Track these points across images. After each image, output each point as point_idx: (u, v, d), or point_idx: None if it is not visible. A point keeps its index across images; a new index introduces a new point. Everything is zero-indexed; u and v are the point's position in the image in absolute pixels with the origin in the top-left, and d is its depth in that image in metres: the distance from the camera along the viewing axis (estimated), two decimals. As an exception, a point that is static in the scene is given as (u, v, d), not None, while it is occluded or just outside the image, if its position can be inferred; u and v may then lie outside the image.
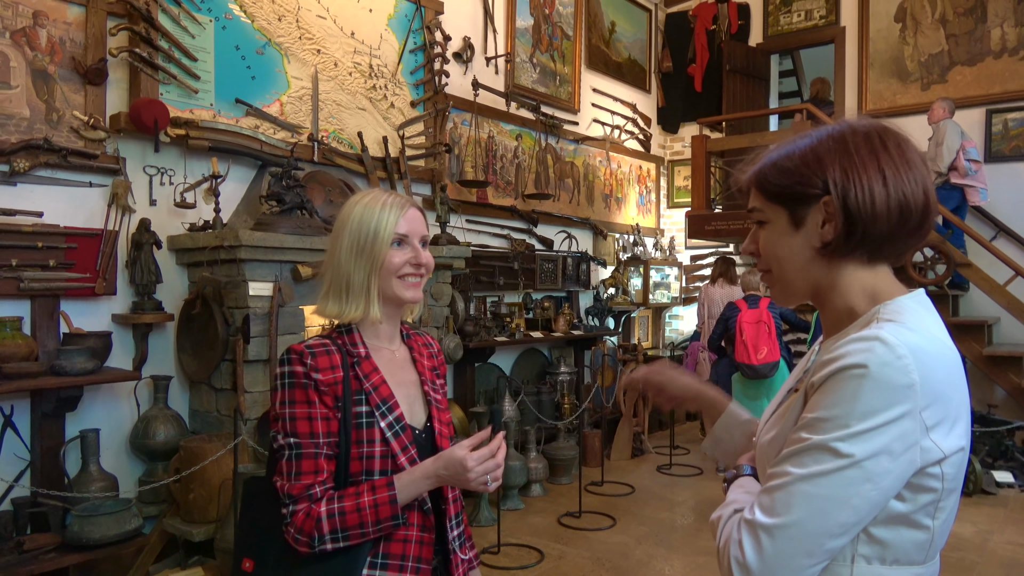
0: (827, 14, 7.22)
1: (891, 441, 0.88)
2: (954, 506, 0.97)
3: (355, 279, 1.39)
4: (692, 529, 4.37)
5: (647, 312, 7.63)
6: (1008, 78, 6.27)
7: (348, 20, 4.55)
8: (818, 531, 0.89)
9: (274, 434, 1.35)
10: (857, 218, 0.97)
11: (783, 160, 1.05)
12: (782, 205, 1.04)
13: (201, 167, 3.80)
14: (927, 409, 0.89)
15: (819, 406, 0.92)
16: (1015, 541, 4.16)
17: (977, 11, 6.42)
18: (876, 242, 0.99)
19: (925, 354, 0.91)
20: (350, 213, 1.42)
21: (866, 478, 0.88)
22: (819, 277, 1.04)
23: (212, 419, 3.66)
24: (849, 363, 0.90)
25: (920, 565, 0.95)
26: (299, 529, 1.29)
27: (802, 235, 1.02)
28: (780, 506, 0.91)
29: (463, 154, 5.48)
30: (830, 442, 0.89)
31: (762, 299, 5.18)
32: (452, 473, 1.33)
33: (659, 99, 8.06)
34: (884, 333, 0.91)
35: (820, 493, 0.89)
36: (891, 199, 0.97)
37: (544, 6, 6.34)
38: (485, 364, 5.43)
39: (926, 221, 1.00)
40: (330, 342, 1.40)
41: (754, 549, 0.91)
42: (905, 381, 0.88)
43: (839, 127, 1.03)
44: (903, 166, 0.98)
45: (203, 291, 3.52)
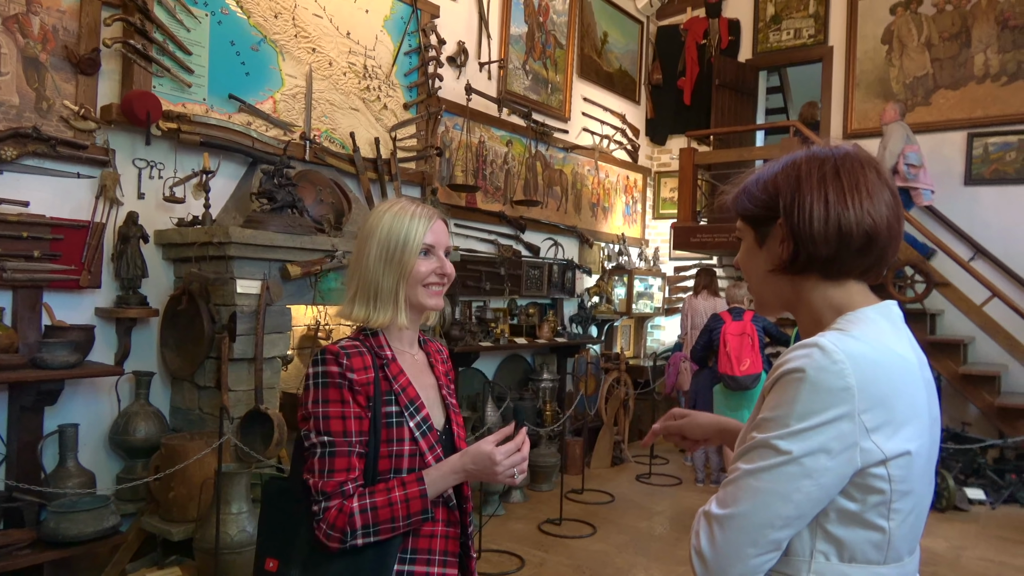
0: (816, 33, 7.32)
1: (828, 440, 0.94)
2: (913, 509, 1.01)
3: (384, 286, 1.44)
4: (671, 539, 4.39)
5: (630, 321, 7.67)
6: (990, 103, 6.40)
7: (344, 20, 4.54)
8: (762, 522, 0.96)
9: (305, 433, 1.38)
10: (799, 240, 1.05)
11: (752, 185, 1.15)
12: (749, 225, 1.15)
13: (191, 162, 3.76)
14: (867, 412, 0.95)
15: (766, 407, 1.00)
16: (987, 557, 4.23)
17: (962, 36, 6.55)
18: (822, 262, 1.06)
19: (866, 360, 0.96)
20: (379, 221, 1.46)
21: (805, 474, 0.95)
22: (784, 291, 1.13)
23: (194, 417, 3.61)
24: (790, 368, 0.97)
25: (880, 565, 0.99)
26: (331, 525, 1.32)
27: (764, 253, 1.13)
28: (730, 499, 0.99)
29: (454, 158, 5.48)
30: (771, 440, 0.97)
31: (746, 312, 5.23)
32: (481, 467, 1.39)
33: (648, 110, 8.12)
34: (824, 340, 0.98)
35: (763, 487, 0.96)
36: (829, 224, 1.03)
37: (538, 14, 6.37)
38: (469, 369, 5.42)
39: (872, 245, 1.05)
40: (359, 344, 1.44)
41: (708, 538, 0.99)
42: (841, 384, 0.94)
43: (802, 154, 1.11)
44: (850, 193, 1.04)
45: (190, 287, 3.48)
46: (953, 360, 5.95)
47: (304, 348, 4.33)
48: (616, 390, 6.38)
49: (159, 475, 3.14)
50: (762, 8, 7.62)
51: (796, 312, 1.15)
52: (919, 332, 6.02)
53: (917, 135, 6.40)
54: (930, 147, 6.60)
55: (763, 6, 7.62)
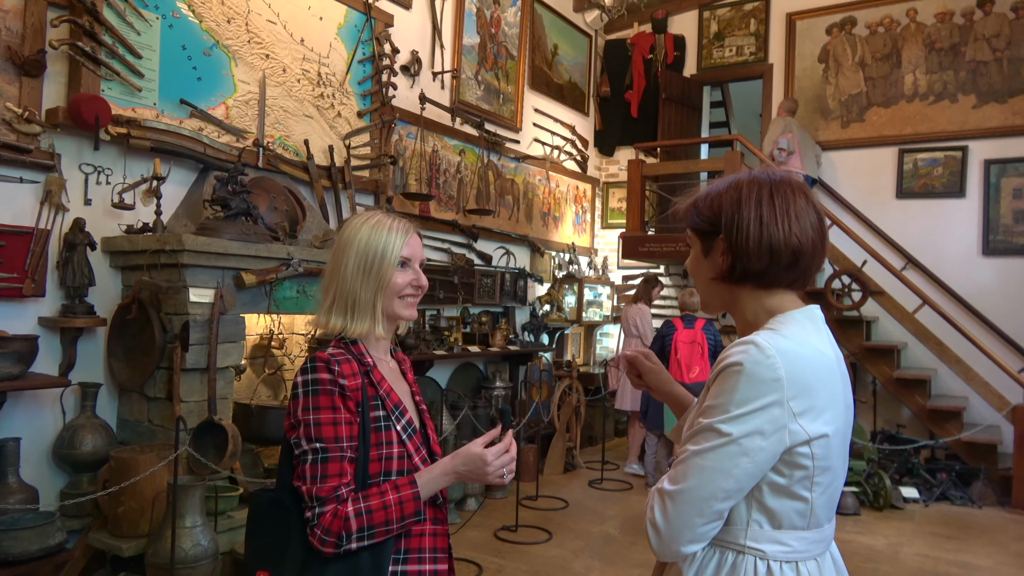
0: (756, 51, 7.60)
1: (763, 423, 1.10)
2: (832, 483, 1.19)
3: (361, 297, 1.47)
4: (626, 542, 4.47)
5: (580, 329, 7.77)
6: (919, 121, 6.75)
7: (298, 27, 4.51)
8: (706, 495, 1.11)
9: (296, 440, 1.39)
10: (736, 254, 1.21)
11: (700, 200, 1.28)
12: (697, 236, 1.30)
13: (140, 168, 3.68)
14: (794, 399, 1.11)
15: (710, 396, 1.16)
16: (923, 552, 4.44)
17: (893, 57, 6.89)
18: (756, 275, 1.22)
19: (794, 355, 1.13)
20: (356, 233, 1.49)
21: (743, 452, 1.10)
22: (724, 296, 1.29)
23: (143, 429, 3.52)
24: (730, 362, 1.13)
25: (804, 530, 1.17)
26: (326, 530, 1.32)
27: (708, 262, 1.28)
28: (679, 476, 1.14)
29: (408, 167, 5.48)
30: (715, 424, 1.12)
31: (698, 320, 5.37)
32: (471, 468, 1.43)
33: (597, 122, 8.27)
34: (758, 338, 1.14)
35: (707, 465, 1.11)
36: (762, 242, 1.19)
37: (490, 25, 6.43)
38: (423, 377, 5.41)
39: (799, 261, 1.21)
40: (344, 351, 1.46)
41: (660, 511, 1.14)
42: (773, 376, 1.10)
43: (745, 177, 1.25)
44: (781, 216, 1.20)
45: (140, 295, 3.39)
46: (888, 365, 6.23)
47: (256, 358, 4.26)
48: (568, 397, 6.46)
49: (108, 490, 3.05)
50: (706, 26, 7.87)
51: (734, 313, 1.30)
52: (856, 338, 6.29)
53: (853, 150, 6.72)
54: (864, 161, 6.93)
55: (707, 24, 7.86)
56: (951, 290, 6.50)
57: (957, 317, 6.18)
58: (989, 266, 6.45)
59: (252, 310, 3.71)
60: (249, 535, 1.48)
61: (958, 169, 6.58)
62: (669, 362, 5.25)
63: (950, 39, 6.65)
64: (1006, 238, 6.39)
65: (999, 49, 6.45)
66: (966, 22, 6.59)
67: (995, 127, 6.43)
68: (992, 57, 6.47)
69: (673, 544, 1.14)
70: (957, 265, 6.54)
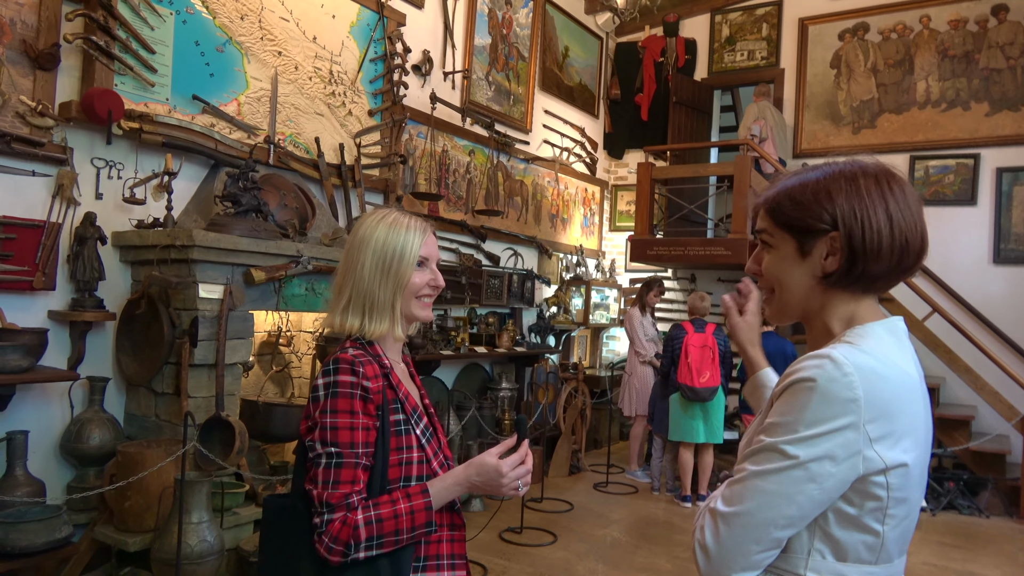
0: (768, 56, 7.57)
1: (834, 447, 0.99)
2: (907, 516, 1.06)
3: (380, 297, 1.43)
4: (631, 546, 4.45)
5: (586, 332, 7.75)
6: (931, 128, 6.72)
7: (311, 24, 4.51)
8: (765, 521, 1.01)
9: (311, 443, 1.35)
10: (860, 255, 1.06)
11: (797, 192, 1.12)
12: (791, 234, 1.13)
13: (151, 163, 3.68)
14: (871, 423, 0.99)
15: (775, 413, 1.04)
16: (930, 562, 4.41)
17: (905, 64, 6.86)
18: (873, 277, 1.09)
19: (873, 373, 1.00)
20: (373, 232, 1.45)
21: (809, 478, 0.99)
22: (813, 302, 1.14)
23: (150, 424, 3.52)
24: (802, 376, 1.02)
25: (872, 565, 1.05)
26: (334, 538, 1.29)
27: (807, 264, 1.12)
28: (736, 497, 1.03)
29: (417, 166, 5.47)
30: (780, 444, 1.01)
31: (708, 324, 5.34)
32: (486, 480, 1.39)
33: (606, 125, 8.26)
34: (835, 353, 1.02)
35: (769, 488, 1.01)
36: (895, 241, 1.06)
37: (502, 26, 6.43)
38: (429, 377, 5.40)
39: (919, 260, 1.10)
40: (364, 352, 1.42)
41: (712, 533, 1.04)
42: (849, 395, 0.99)
43: (850, 166, 1.11)
44: (906, 210, 1.07)
45: (149, 290, 3.40)
46: (896, 372, 6.18)
47: (264, 355, 4.26)
48: (574, 400, 6.44)
49: (115, 484, 3.05)
50: (718, 29, 7.85)
51: (810, 322, 1.17)
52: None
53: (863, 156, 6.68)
54: None
55: (719, 28, 7.84)
56: (961, 298, 6.46)
57: (967, 325, 6.15)
58: (1000, 275, 6.41)
59: (261, 307, 3.71)
60: (263, 542, 1.44)
61: (970, 177, 6.55)
62: (679, 365, 5.22)
63: (963, 46, 6.62)
64: (1018, 247, 6.35)
65: (1012, 57, 6.41)
66: (980, 29, 6.56)
67: (1008, 135, 6.39)
68: (1006, 65, 6.44)
69: (724, 570, 1.04)
70: (967, 273, 6.50)
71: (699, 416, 5.23)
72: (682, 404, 5.25)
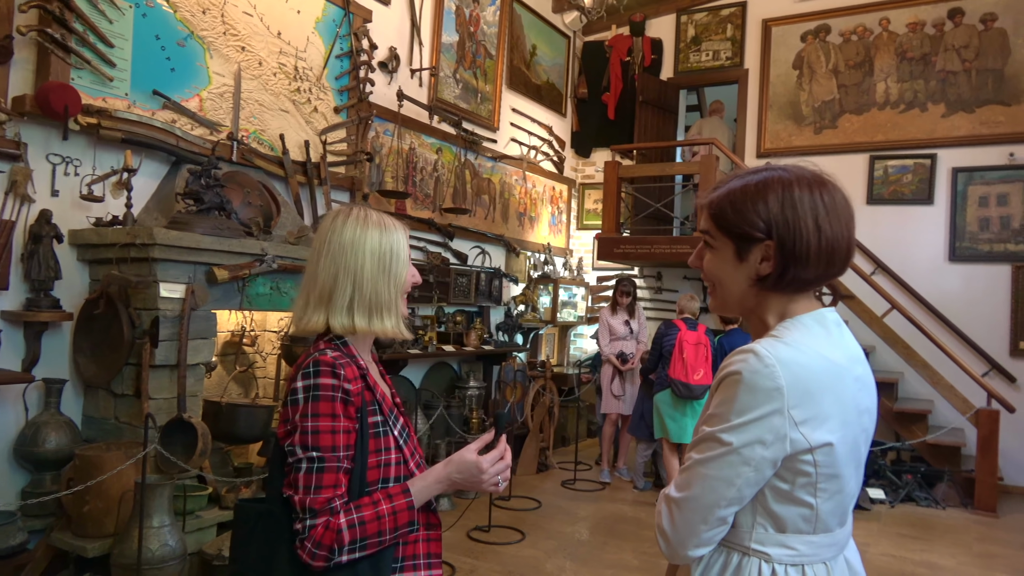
0: (732, 56, 7.67)
1: (763, 432, 1.09)
2: (840, 489, 1.16)
3: (383, 296, 1.44)
4: (598, 543, 4.48)
5: (554, 330, 7.78)
6: (890, 128, 6.87)
7: (275, 19, 4.44)
8: (710, 503, 1.12)
9: (290, 447, 1.33)
10: (791, 262, 1.15)
11: (738, 198, 1.19)
12: (730, 239, 1.21)
13: (110, 159, 3.59)
14: (795, 408, 1.09)
15: (712, 405, 1.16)
16: (889, 552, 4.51)
17: (865, 66, 7.00)
18: (803, 281, 1.18)
19: (795, 363, 1.11)
20: (364, 233, 1.44)
21: (743, 462, 1.10)
22: (749, 301, 1.23)
23: (109, 426, 3.44)
24: (731, 371, 1.13)
25: (810, 534, 1.16)
26: (317, 543, 1.27)
27: (744, 267, 1.20)
28: (684, 484, 1.15)
29: (384, 164, 5.43)
30: (716, 433, 1.12)
31: (699, 324, 5.38)
32: (466, 477, 1.41)
33: (574, 123, 8.29)
34: (758, 347, 1.12)
35: (710, 474, 1.12)
36: (823, 249, 1.15)
37: (469, 24, 6.41)
38: (396, 376, 5.37)
39: (846, 264, 1.19)
40: (342, 354, 1.40)
41: (667, 518, 1.17)
42: (772, 385, 1.09)
43: (787, 173, 1.18)
44: (835, 220, 1.15)
45: (108, 290, 3.32)
46: (856, 368, 6.32)
47: (228, 355, 4.19)
48: (542, 398, 6.46)
49: (73, 489, 2.97)
50: (683, 30, 7.93)
51: (749, 317, 1.26)
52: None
53: (825, 156, 6.84)
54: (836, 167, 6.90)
55: (684, 28, 7.92)
56: (918, 295, 6.62)
57: (924, 322, 6.30)
58: (955, 272, 6.58)
59: (224, 306, 3.65)
60: (235, 548, 1.41)
61: (927, 177, 6.71)
62: (672, 362, 5.21)
63: (921, 49, 6.78)
64: (972, 245, 6.52)
65: (968, 60, 6.58)
66: (936, 32, 6.72)
67: (963, 136, 6.57)
68: (961, 67, 6.61)
69: (680, 549, 1.16)
70: (924, 271, 6.66)
71: (689, 414, 5.23)
72: (673, 401, 5.24)
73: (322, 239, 1.45)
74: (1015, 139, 6.37)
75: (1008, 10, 6.45)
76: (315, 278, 1.44)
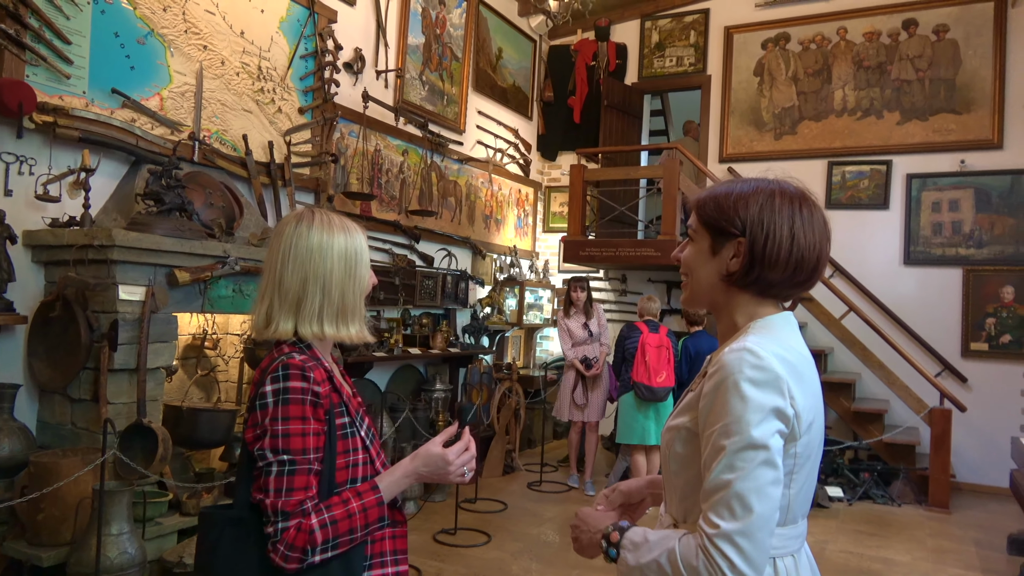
0: (696, 62, 7.79)
1: (779, 423, 1.11)
2: (806, 478, 1.20)
3: (349, 301, 1.44)
4: (564, 544, 4.50)
5: (520, 332, 7.80)
6: (847, 135, 7.04)
7: (238, 18, 4.39)
8: (770, 513, 1.08)
9: (260, 452, 1.32)
10: (758, 261, 1.20)
11: (722, 197, 1.24)
12: (708, 232, 1.27)
13: (67, 158, 3.51)
14: (792, 398, 1.13)
15: (720, 414, 1.12)
16: (847, 549, 4.62)
17: (824, 73, 7.17)
18: (767, 283, 1.22)
19: (782, 357, 1.14)
20: (331, 238, 1.44)
21: (778, 453, 1.11)
22: (719, 295, 1.28)
23: (66, 432, 3.36)
24: (728, 373, 1.12)
25: (781, 526, 1.17)
26: (290, 545, 1.27)
27: (716, 261, 1.25)
28: (738, 510, 1.06)
29: (349, 166, 5.40)
30: (748, 440, 1.09)
31: (661, 326, 5.42)
32: (432, 469, 1.43)
33: (540, 126, 8.32)
34: (749, 344, 1.15)
35: (761, 483, 1.07)
36: (792, 256, 1.19)
37: (436, 26, 6.40)
38: (361, 379, 5.33)
39: (813, 277, 1.24)
40: (308, 357, 1.40)
41: (738, 554, 1.05)
42: (774, 376, 1.12)
43: (773, 185, 1.24)
44: (810, 233, 1.21)
45: (64, 292, 3.24)
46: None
47: (189, 358, 4.12)
48: (508, 400, 6.47)
49: (27, 496, 2.89)
50: (648, 35, 8.02)
51: (719, 313, 1.30)
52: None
53: (785, 161, 6.98)
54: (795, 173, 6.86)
55: (648, 33, 8.02)
56: (875, 297, 6.80)
57: (880, 323, 6.47)
58: (909, 275, 6.77)
59: (185, 309, 3.59)
60: (201, 556, 1.39)
61: (883, 182, 6.89)
62: (635, 365, 5.23)
63: (877, 58, 6.96)
64: (925, 249, 6.72)
65: (921, 69, 6.78)
66: (892, 42, 6.91)
67: (917, 143, 6.76)
68: (915, 76, 6.80)
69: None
70: (880, 274, 6.84)
71: (652, 416, 5.27)
72: (636, 404, 5.27)
73: (286, 244, 1.43)
74: (966, 147, 6.58)
75: (959, 22, 6.66)
76: (280, 284, 1.42)
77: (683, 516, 1.26)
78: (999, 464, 6.06)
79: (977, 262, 6.51)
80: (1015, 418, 6.23)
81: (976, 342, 6.48)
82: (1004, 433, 6.01)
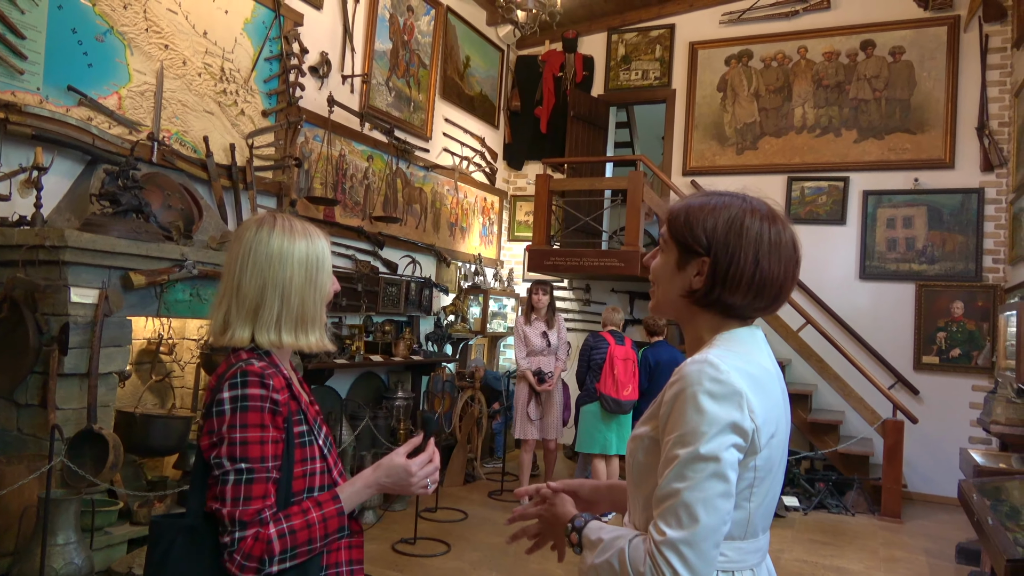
0: (661, 76, 7.90)
1: (736, 437, 1.10)
2: (767, 492, 1.19)
3: (309, 309, 1.41)
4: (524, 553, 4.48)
5: (484, 340, 7.79)
6: (806, 151, 7.20)
7: (201, 18, 4.32)
8: (718, 525, 1.07)
9: (216, 460, 1.29)
10: (719, 283, 1.20)
11: (694, 212, 1.23)
12: (677, 247, 1.26)
13: (19, 156, 3.42)
14: (752, 412, 1.11)
15: (677, 424, 1.11)
16: (801, 558, 4.69)
17: (784, 91, 7.33)
18: (727, 305, 1.22)
19: (744, 371, 1.14)
20: (292, 243, 1.41)
21: (731, 467, 1.09)
22: (682, 312, 1.28)
23: (11, 438, 3.25)
24: (687, 384, 1.12)
25: (741, 540, 1.17)
26: (247, 555, 1.24)
27: (681, 275, 1.25)
28: (684, 519, 1.07)
29: (313, 170, 5.34)
30: (698, 452, 1.08)
31: (626, 337, 5.44)
32: (395, 480, 1.41)
33: (506, 135, 8.35)
34: (710, 357, 1.14)
35: (709, 494, 1.07)
36: (753, 282, 1.19)
37: (404, 32, 6.39)
38: (321, 386, 5.27)
39: (776, 302, 1.24)
40: (267, 364, 1.37)
41: (681, 563, 1.05)
42: (733, 390, 1.11)
43: (744, 204, 1.22)
44: (775, 261, 1.20)
45: (12, 294, 3.14)
46: (773, 380, 6.56)
47: (143, 363, 4.03)
48: (470, 408, 6.44)
49: (-32, 504, 2.79)
50: (614, 48, 8.11)
51: (684, 326, 1.30)
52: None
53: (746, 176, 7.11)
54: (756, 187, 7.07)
55: (615, 46, 8.11)
56: (831, 311, 6.94)
57: (836, 336, 6.61)
58: (865, 289, 6.93)
59: (140, 313, 3.51)
60: (151, 567, 1.35)
61: (840, 198, 7.06)
62: (603, 377, 5.21)
63: (836, 77, 7.14)
64: (880, 264, 6.89)
65: (878, 89, 6.97)
66: (850, 62, 7.10)
67: (873, 161, 6.94)
68: (872, 96, 6.99)
69: None
70: (837, 288, 6.99)
71: (614, 428, 5.28)
72: (600, 414, 5.27)
73: (245, 249, 1.40)
74: (920, 165, 6.78)
75: (914, 45, 6.87)
76: (238, 290, 1.39)
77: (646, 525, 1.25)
78: (948, 475, 6.22)
79: (929, 277, 6.69)
80: (964, 430, 6.41)
81: (928, 355, 6.66)
82: (953, 444, 6.18)
